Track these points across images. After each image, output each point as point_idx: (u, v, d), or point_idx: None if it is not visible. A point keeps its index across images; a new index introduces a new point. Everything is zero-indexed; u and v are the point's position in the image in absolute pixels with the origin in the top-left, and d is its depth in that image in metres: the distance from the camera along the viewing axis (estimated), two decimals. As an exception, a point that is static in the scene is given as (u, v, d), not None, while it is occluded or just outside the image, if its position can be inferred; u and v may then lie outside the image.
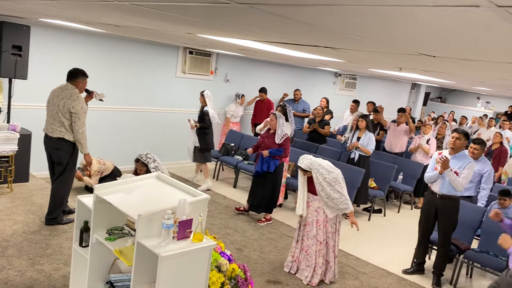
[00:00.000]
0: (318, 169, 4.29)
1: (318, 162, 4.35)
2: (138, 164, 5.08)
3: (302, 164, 4.37)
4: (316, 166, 4.31)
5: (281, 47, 3.10)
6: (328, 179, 4.28)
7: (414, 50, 2.03)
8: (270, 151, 5.76)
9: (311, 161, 4.34)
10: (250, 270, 4.49)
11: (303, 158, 4.40)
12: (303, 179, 4.50)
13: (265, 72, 9.74)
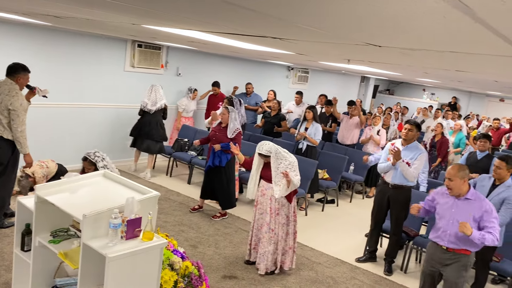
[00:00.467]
0: (277, 153, 4.33)
1: (276, 146, 4.39)
2: (85, 163, 4.86)
3: (262, 150, 4.35)
4: (275, 149, 4.34)
5: (229, 38, 3.04)
6: (285, 163, 4.30)
7: (361, 40, 2.05)
8: (222, 145, 5.70)
9: (270, 146, 4.34)
10: (205, 266, 4.44)
11: (262, 145, 4.39)
12: (258, 163, 4.48)
13: (217, 66, 9.64)
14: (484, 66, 2.72)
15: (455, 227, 3.44)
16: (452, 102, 17.07)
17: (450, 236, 3.50)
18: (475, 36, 1.51)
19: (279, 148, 4.39)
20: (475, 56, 2.13)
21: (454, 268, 3.52)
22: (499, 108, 16.83)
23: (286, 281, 4.40)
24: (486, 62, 2.40)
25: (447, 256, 3.55)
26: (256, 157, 4.48)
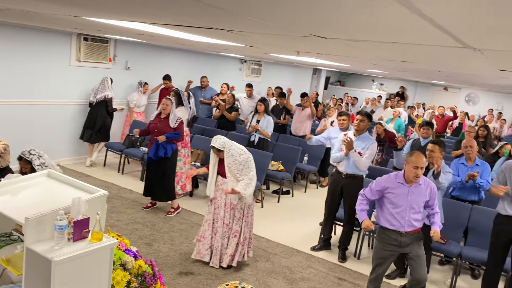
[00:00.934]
0: (230, 149, 4.29)
1: (230, 142, 4.35)
2: (21, 162, 4.58)
3: (215, 143, 4.31)
4: (229, 145, 4.30)
5: (176, 30, 2.97)
6: (238, 161, 4.29)
7: (307, 32, 2.06)
8: (168, 136, 5.59)
9: (224, 141, 4.31)
10: (161, 264, 4.37)
11: (216, 138, 4.35)
12: (214, 160, 4.44)
13: (169, 59, 9.45)
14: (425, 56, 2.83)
15: (412, 213, 3.62)
16: (400, 92, 17.71)
17: (408, 221, 3.64)
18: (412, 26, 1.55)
19: (233, 145, 4.36)
20: (416, 47, 2.21)
21: (416, 244, 3.72)
22: (443, 96, 17.64)
23: (243, 273, 4.41)
24: (427, 52, 2.49)
25: (406, 238, 3.68)
26: (212, 154, 4.43)
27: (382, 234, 3.80)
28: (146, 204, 5.99)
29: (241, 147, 4.45)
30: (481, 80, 6.93)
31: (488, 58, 2.50)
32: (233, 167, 4.29)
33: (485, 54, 2.27)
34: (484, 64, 2.96)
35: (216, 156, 4.40)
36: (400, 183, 3.64)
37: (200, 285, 4.09)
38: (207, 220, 4.52)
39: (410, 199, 3.62)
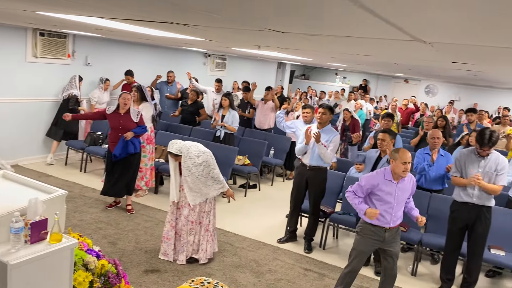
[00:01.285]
0: (188, 153, 4.24)
1: (187, 145, 4.29)
2: None
3: (172, 149, 4.27)
4: (186, 149, 4.25)
5: (132, 24, 2.91)
6: (198, 163, 4.24)
7: (263, 26, 2.07)
8: (135, 131, 5.50)
9: (180, 145, 4.26)
10: (126, 263, 4.31)
11: (173, 143, 4.30)
12: (174, 165, 4.40)
13: (132, 54, 9.25)
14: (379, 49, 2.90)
15: (398, 209, 3.69)
16: (363, 85, 18.07)
17: (394, 217, 3.69)
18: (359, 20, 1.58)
19: (190, 148, 4.30)
20: (368, 40, 2.26)
21: (396, 242, 3.80)
22: (404, 88, 18.13)
23: (209, 269, 4.41)
24: (380, 46, 2.56)
25: (389, 233, 3.72)
26: (171, 159, 4.37)
27: (366, 229, 3.76)
28: (109, 203, 5.87)
29: (199, 147, 4.37)
30: (437, 72, 7.17)
31: (439, 51, 2.60)
32: (194, 169, 4.25)
33: (435, 47, 2.36)
34: (436, 57, 3.07)
35: (175, 160, 4.35)
36: (389, 180, 3.65)
37: (167, 282, 4.06)
38: (169, 220, 4.48)
39: (397, 195, 3.66)
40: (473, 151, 4.18)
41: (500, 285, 4.87)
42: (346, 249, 5.33)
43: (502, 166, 4.04)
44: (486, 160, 4.07)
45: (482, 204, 4.11)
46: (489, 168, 4.05)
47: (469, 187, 4.12)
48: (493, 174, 4.04)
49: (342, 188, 5.57)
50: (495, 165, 4.04)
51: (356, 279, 4.50)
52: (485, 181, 4.06)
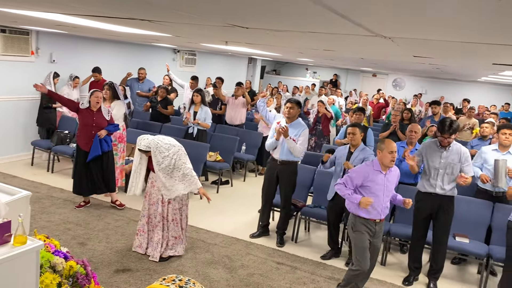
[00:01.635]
0: (157, 147, 4.21)
1: (156, 140, 4.26)
2: None
3: (140, 145, 4.24)
4: (155, 144, 4.22)
5: (95, 20, 2.85)
6: (170, 156, 4.23)
7: (226, 22, 2.07)
8: (109, 129, 5.50)
9: (149, 141, 4.23)
10: (96, 263, 4.25)
11: (140, 140, 4.26)
12: (138, 159, 4.37)
13: (99, 51, 9.06)
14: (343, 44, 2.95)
15: (386, 200, 3.77)
16: (333, 80, 18.30)
17: (384, 208, 3.77)
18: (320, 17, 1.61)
19: (159, 142, 4.27)
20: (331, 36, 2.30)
21: (380, 236, 3.88)
22: (372, 82, 18.46)
23: (182, 266, 4.40)
24: (343, 41, 2.60)
25: (378, 227, 3.81)
26: (137, 153, 4.34)
27: (360, 224, 3.77)
28: (79, 203, 5.76)
29: (169, 140, 4.36)
30: (402, 66, 7.33)
31: (400, 46, 2.67)
32: (165, 163, 4.22)
33: (396, 42, 2.42)
34: (399, 51, 3.15)
35: (145, 155, 4.32)
36: (378, 171, 3.70)
37: (138, 281, 4.03)
38: (144, 215, 4.46)
39: (386, 186, 3.72)
40: (435, 142, 4.31)
41: (465, 271, 5.05)
42: (317, 241, 5.42)
43: (465, 157, 4.18)
44: (448, 152, 4.20)
45: (444, 194, 4.24)
46: (451, 160, 4.18)
47: (432, 178, 4.25)
48: (456, 166, 4.17)
49: (313, 182, 5.64)
50: (458, 156, 4.17)
51: (327, 270, 4.60)
52: (448, 171, 4.19)
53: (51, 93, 5.65)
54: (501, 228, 4.42)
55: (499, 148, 4.77)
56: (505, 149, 4.74)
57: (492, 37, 1.99)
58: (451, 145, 4.20)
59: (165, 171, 4.24)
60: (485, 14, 1.48)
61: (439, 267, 4.44)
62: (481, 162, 4.86)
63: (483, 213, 4.82)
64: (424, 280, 4.57)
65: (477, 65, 4.83)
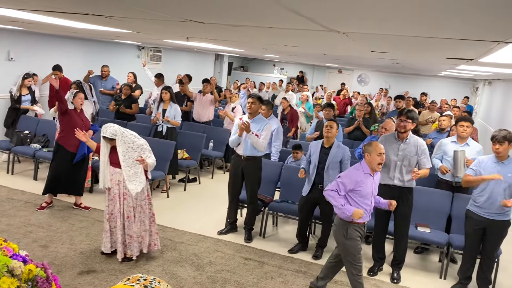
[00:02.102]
0: (123, 136, 4.15)
1: (122, 129, 4.19)
2: None
3: (106, 133, 4.14)
4: (120, 132, 4.15)
5: (49, 16, 2.76)
6: (134, 147, 4.17)
7: (182, 17, 2.05)
8: (95, 129, 5.58)
9: (115, 129, 4.15)
10: (59, 265, 4.15)
11: (106, 127, 4.16)
12: (105, 150, 4.28)
13: (60, 48, 8.80)
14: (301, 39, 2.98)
15: (373, 201, 3.77)
16: (300, 76, 18.46)
17: (371, 210, 3.77)
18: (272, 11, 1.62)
19: (125, 131, 4.22)
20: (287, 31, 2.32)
21: None
22: (338, 78, 18.74)
23: (148, 265, 4.35)
24: (301, 36, 2.63)
25: (365, 228, 3.83)
26: (103, 143, 4.25)
27: (353, 231, 3.69)
28: (40, 205, 5.59)
29: (134, 133, 4.33)
30: (365, 61, 7.48)
31: (356, 41, 2.72)
32: (130, 153, 4.16)
33: (351, 37, 2.47)
34: (356, 46, 3.20)
35: (109, 144, 4.24)
36: (368, 174, 3.66)
37: (103, 282, 3.95)
38: (107, 213, 4.36)
39: (373, 189, 3.72)
40: (393, 135, 4.43)
41: (427, 260, 5.22)
42: (285, 236, 5.48)
43: (422, 149, 4.31)
44: (405, 144, 4.32)
45: (403, 186, 4.36)
46: (408, 152, 4.31)
47: (391, 170, 4.36)
48: (413, 158, 4.30)
49: (279, 177, 5.68)
50: (415, 149, 4.30)
51: (294, 264, 4.67)
52: (405, 163, 4.32)
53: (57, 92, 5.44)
54: (460, 217, 4.58)
55: (458, 140, 4.95)
56: (463, 141, 4.92)
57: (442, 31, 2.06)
58: (408, 137, 4.32)
59: (129, 162, 4.16)
60: (434, 9, 1.53)
61: (401, 257, 4.57)
62: (441, 154, 5.03)
63: (443, 203, 4.99)
64: (388, 270, 4.70)
65: (432, 59, 4.99)
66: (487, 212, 4.09)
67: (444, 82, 16.93)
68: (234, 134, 5.10)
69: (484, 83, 13.96)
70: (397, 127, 4.33)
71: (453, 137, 5.09)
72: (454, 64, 5.38)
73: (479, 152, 4.91)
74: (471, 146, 4.92)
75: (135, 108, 7.87)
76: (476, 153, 4.86)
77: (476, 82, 16.01)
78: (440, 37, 2.27)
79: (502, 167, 4.02)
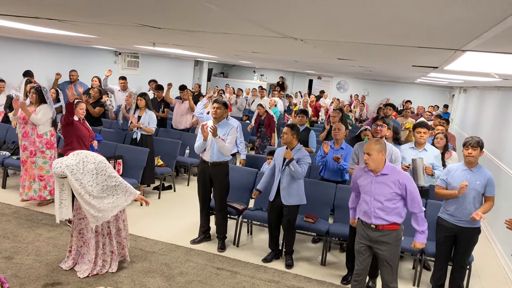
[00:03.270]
0: (72, 171, 3.84)
1: (70, 164, 3.84)
2: None
3: (55, 173, 3.85)
4: (69, 170, 3.82)
5: (5, 19, 2.66)
6: (89, 178, 3.92)
7: (135, 22, 1.99)
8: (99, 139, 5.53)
9: (62, 166, 3.82)
10: (23, 278, 4.01)
11: (54, 167, 3.85)
12: (60, 186, 3.97)
13: (32, 53, 8.61)
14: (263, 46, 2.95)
15: (377, 204, 3.54)
16: (280, 82, 18.51)
17: (374, 212, 3.55)
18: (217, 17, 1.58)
19: (74, 165, 3.85)
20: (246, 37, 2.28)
21: (388, 246, 3.58)
22: (318, 84, 18.86)
23: (117, 276, 4.22)
24: (262, 43, 2.59)
25: (377, 234, 3.59)
26: (57, 180, 3.97)
27: (357, 225, 3.76)
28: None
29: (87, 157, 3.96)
30: (336, 68, 7.49)
31: (318, 48, 2.70)
32: (88, 183, 3.90)
33: (310, 44, 2.44)
34: (321, 53, 3.18)
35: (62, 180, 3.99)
36: (366, 171, 3.61)
37: (68, 295, 3.82)
38: (75, 229, 4.23)
39: (373, 189, 3.56)
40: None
41: (401, 267, 5.21)
42: (260, 244, 5.41)
43: (395, 157, 4.32)
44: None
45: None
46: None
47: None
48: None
49: (254, 184, 5.62)
50: (389, 155, 4.30)
51: (267, 273, 4.60)
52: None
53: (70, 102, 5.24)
54: (433, 224, 4.58)
55: (415, 146, 5.00)
56: (421, 147, 4.98)
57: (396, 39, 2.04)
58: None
59: (84, 198, 3.90)
60: (384, 18, 1.50)
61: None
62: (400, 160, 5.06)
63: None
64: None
65: (399, 67, 5.02)
66: (457, 219, 4.11)
67: (422, 89, 17.20)
68: (198, 140, 5.04)
69: (460, 90, 14.22)
70: (373, 132, 4.33)
71: (411, 143, 5.13)
72: (424, 72, 5.43)
73: (437, 156, 4.99)
74: (429, 151, 4.98)
75: (98, 111, 7.67)
76: (434, 157, 4.94)
77: (452, 90, 16.30)
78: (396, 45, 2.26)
79: (471, 175, 4.04)
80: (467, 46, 2.05)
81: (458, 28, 1.52)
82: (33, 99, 5.73)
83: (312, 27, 1.70)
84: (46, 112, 5.73)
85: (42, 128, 5.75)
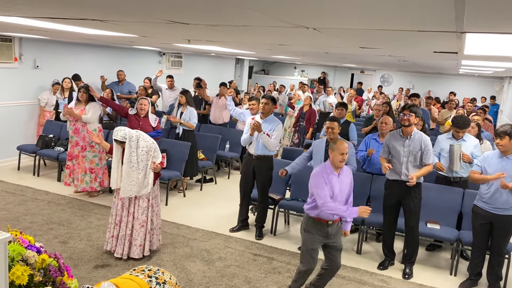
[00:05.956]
0: (130, 140, 4.29)
1: (132, 133, 4.33)
2: None
3: (117, 136, 4.29)
4: (129, 136, 4.29)
5: (50, 22, 2.95)
6: (145, 149, 4.32)
7: (166, 18, 2.19)
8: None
9: (125, 132, 4.29)
10: (76, 259, 4.38)
11: (117, 130, 4.31)
12: (117, 152, 4.42)
13: (82, 55, 9.16)
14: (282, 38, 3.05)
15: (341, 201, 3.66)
16: (322, 77, 18.45)
17: None
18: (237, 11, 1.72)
19: (134, 135, 4.32)
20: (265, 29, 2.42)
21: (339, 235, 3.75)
22: (360, 79, 18.62)
23: (160, 260, 4.52)
24: (279, 34, 2.71)
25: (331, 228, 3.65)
26: (115, 145, 4.42)
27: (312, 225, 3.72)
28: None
29: (144, 136, 4.44)
30: (364, 58, 7.38)
31: (334, 36, 2.79)
32: (134, 157, 4.30)
33: (324, 32, 2.54)
34: (340, 43, 3.24)
35: (120, 147, 4.40)
36: (331, 172, 3.63)
37: (117, 275, 4.12)
38: (112, 212, 4.53)
39: (341, 187, 3.64)
40: (398, 131, 4.46)
41: (439, 257, 5.19)
42: (296, 234, 5.55)
43: (426, 144, 4.32)
44: (410, 140, 4.34)
45: (410, 181, 4.37)
46: (413, 148, 4.33)
47: (397, 166, 4.39)
48: (418, 153, 4.32)
49: (290, 176, 5.76)
50: (419, 144, 4.31)
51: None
52: (410, 159, 4.34)
53: (102, 98, 6.13)
54: (470, 213, 4.54)
55: (453, 136, 4.94)
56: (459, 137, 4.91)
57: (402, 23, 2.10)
58: (413, 133, 4.34)
59: (130, 165, 4.29)
60: (387, 2, 1.59)
61: (412, 252, 4.57)
62: (438, 151, 5.02)
63: (454, 200, 4.96)
64: (400, 267, 4.70)
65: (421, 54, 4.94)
66: (492, 207, 4.07)
67: (467, 80, 16.59)
68: (245, 133, 5.23)
69: (510, 80, 13.62)
70: (401, 121, 4.36)
71: (449, 133, 5.07)
72: (449, 59, 5.32)
73: (476, 146, 4.89)
74: (468, 142, 4.90)
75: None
76: (473, 147, 4.86)
77: (503, 80, 15.62)
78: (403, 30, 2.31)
79: (506, 162, 3.99)
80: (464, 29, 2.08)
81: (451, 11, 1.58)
82: (83, 98, 6.17)
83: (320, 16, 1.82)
84: (95, 110, 6.16)
85: (91, 125, 6.18)
